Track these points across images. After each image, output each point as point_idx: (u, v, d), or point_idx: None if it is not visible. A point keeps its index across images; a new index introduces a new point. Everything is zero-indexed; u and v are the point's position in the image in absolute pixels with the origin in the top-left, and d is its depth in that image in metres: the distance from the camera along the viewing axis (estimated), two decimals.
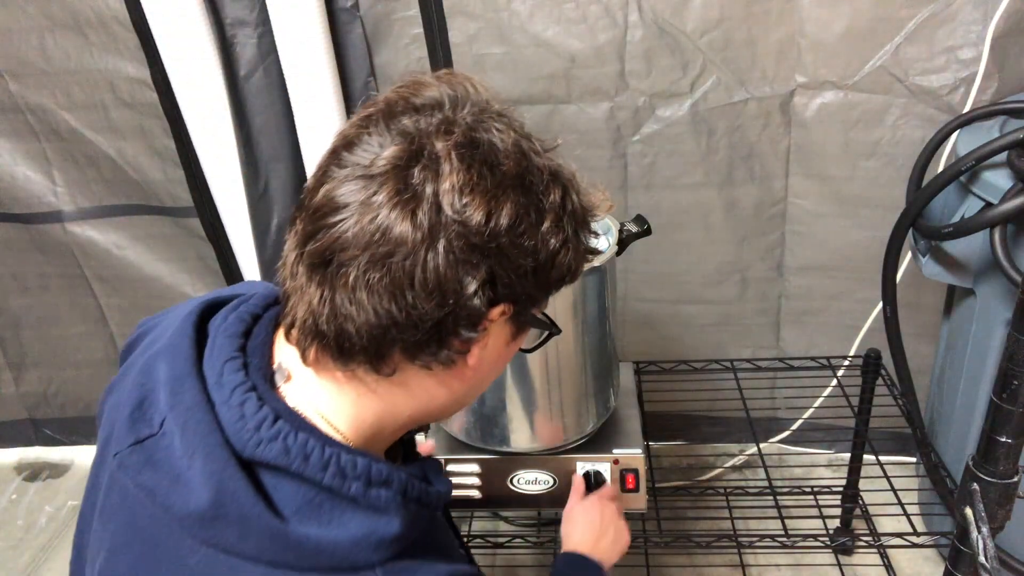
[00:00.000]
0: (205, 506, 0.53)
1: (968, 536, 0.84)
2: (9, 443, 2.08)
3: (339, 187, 0.54)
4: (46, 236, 1.76)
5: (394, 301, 0.53)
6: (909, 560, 1.52)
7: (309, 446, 0.55)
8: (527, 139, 0.59)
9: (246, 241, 1.64)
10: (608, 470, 1.13)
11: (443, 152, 0.53)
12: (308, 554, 0.53)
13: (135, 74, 1.53)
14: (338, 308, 0.54)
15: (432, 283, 0.53)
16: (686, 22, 1.39)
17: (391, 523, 0.56)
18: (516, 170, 0.55)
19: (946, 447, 1.42)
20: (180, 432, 0.55)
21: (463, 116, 0.56)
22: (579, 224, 0.61)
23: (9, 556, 1.77)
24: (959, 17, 1.32)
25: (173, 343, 0.61)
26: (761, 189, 1.54)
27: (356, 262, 0.53)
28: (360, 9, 1.46)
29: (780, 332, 1.71)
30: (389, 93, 0.59)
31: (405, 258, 0.52)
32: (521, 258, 0.56)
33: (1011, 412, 0.78)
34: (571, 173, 0.62)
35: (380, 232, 0.52)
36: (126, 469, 0.58)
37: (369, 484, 0.56)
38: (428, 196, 0.52)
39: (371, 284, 0.53)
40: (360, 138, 0.56)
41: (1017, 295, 0.75)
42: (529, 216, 0.56)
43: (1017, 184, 1.10)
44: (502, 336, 0.62)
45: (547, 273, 0.59)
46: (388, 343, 0.55)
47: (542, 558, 1.56)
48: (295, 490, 0.55)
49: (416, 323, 0.54)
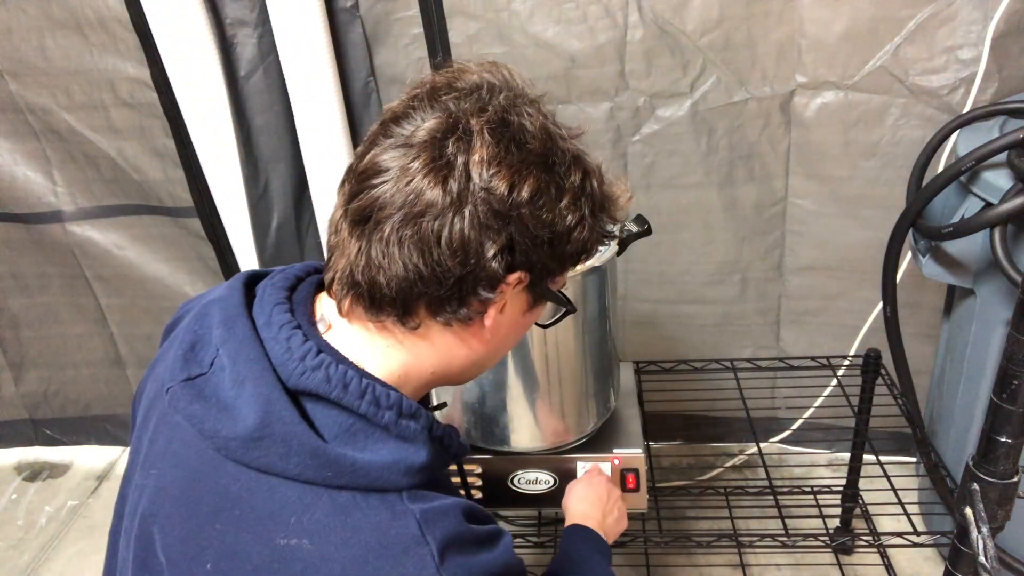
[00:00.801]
0: (252, 427, 0.58)
1: (968, 536, 0.84)
2: (9, 443, 2.08)
3: (382, 154, 0.60)
4: (46, 236, 1.76)
5: (422, 257, 0.59)
6: (909, 560, 1.52)
7: (348, 376, 0.60)
8: (555, 125, 0.64)
9: (246, 241, 1.64)
10: (608, 470, 1.13)
11: (476, 128, 0.59)
12: (345, 471, 0.58)
13: (135, 74, 1.53)
14: (372, 260, 0.60)
15: (457, 243, 0.59)
16: (686, 22, 1.39)
17: (419, 452, 0.61)
18: (541, 149, 0.61)
19: (946, 447, 1.42)
20: (231, 363, 0.61)
21: (499, 100, 0.62)
22: (596, 206, 0.66)
23: (9, 556, 1.77)
24: (959, 17, 1.32)
25: (223, 295, 0.67)
26: (761, 189, 1.54)
27: (391, 220, 0.59)
28: (360, 9, 1.46)
29: (780, 332, 1.71)
30: (436, 76, 0.65)
31: (435, 219, 0.58)
32: (539, 229, 0.61)
33: (1011, 412, 0.78)
34: (594, 162, 0.67)
35: (415, 194, 0.58)
36: (176, 402, 0.63)
37: (400, 415, 0.61)
38: (459, 166, 0.58)
39: (403, 239, 0.59)
40: (406, 113, 0.62)
41: (1017, 295, 0.75)
42: (549, 192, 0.61)
43: (1017, 184, 1.10)
44: (518, 304, 0.67)
45: (563, 246, 0.64)
46: (415, 297, 0.61)
47: (542, 558, 1.56)
48: (335, 417, 0.60)
49: (440, 279, 0.60)
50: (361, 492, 0.58)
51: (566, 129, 0.66)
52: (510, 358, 1.05)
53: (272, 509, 0.57)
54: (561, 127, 0.65)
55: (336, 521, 0.57)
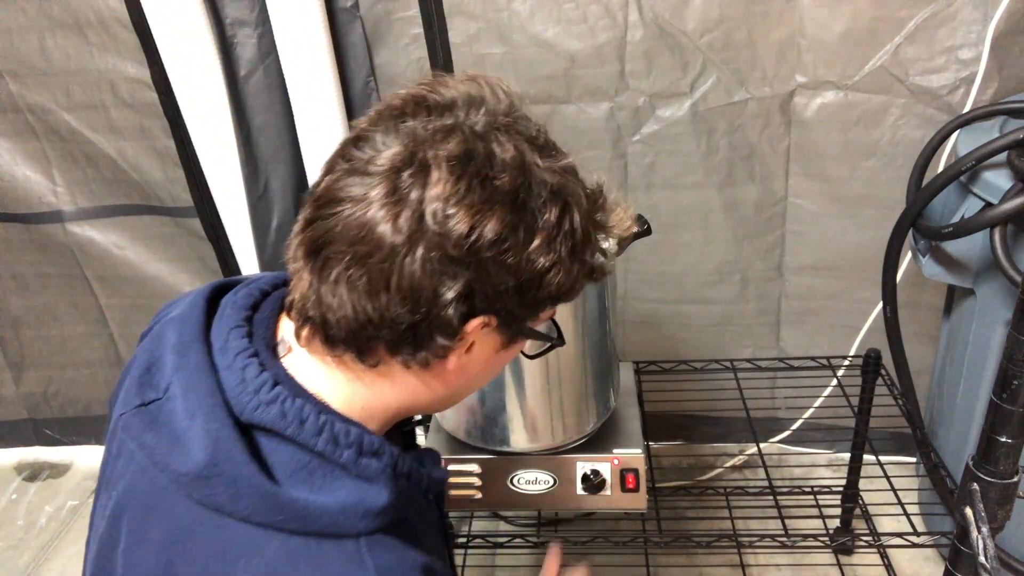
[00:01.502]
0: (202, 465, 0.54)
1: (968, 536, 0.84)
2: (9, 443, 2.08)
3: (339, 180, 0.56)
4: (46, 236, 1.76)
5: (371, 301, 0.54)
6: (909, 560, 1.52)
7: (305, 412, 0.56)
8: (536, 150, 0.58)
9: (246, 241, 1.64)
10: (608, 470, 1.13)
11: (435, 160, 0.53)
12: (297, 516, 0.54)
13: (135, 74, 1.53)
14: (323, 299, 0.56)
15: (406, 289, 0.54)
16: (686, 22, 1.39)
17: (380, 494, 0.57)
18: (510, 185, 0.55)
19: (946, 447, 1.42)
20: (183, 394, 0.58)
21: (472, 122, 0.56)
22: (578, 245, 0.59)
23: (9, 556, 1.77)
24: (959, 17, 1.32)
25: (184, 313, 0.64)
26: (761, 189, 1.54)
27: (341, 258, 0.54)
28: (360, 9, 1.46)
29: (780, 332, 1.71)
30: (408, 90, 0.59)
31: (383, 260, 0.53)
32: (503, 275, 0.56)
33: (1011, 412, 0.78)
34: (582, 191, 0.60)
35: (365, 231, 0.53)
36: (129, 430, 0.60)
37: (360, 453, 0.57)
38: (413, 202, 0.53)
39: (352, 280, 0.54)
40: (368, 135, 0.57)
41: (1017, 295, 0.75)
42: (516, 234, 0.55)
43: (1017, 184, 1.10)
44: (489, 344, 0.62)
45: (533, 292, 0.58)
46: (367, 339, 0.57)
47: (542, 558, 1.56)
48: (291, 454, 0.56)
49: (391, 325, 0.55)
50: (315, 537, 0.55)
51: (551, 157, 0.59)
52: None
53: (222, 548, 0.55)
54: (547, 151, 0.59)
55: (285, 568, 0.54)
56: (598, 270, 0.63)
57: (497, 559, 1.58)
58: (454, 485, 1.16)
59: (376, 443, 0.59)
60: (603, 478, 1.13)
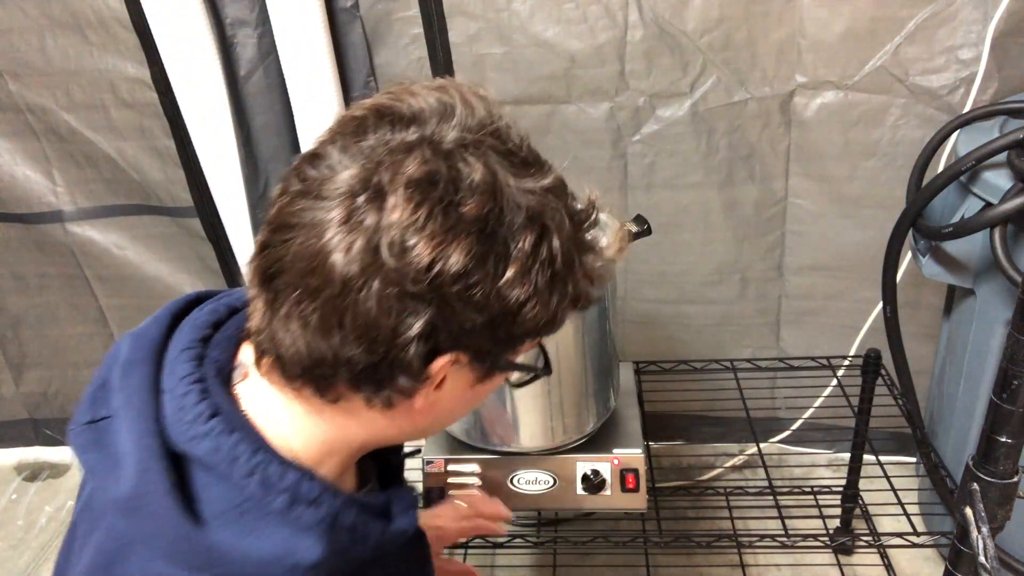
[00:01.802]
0: (128, 494, 0.51)
1: (968, 536, 0.84)
2: (9, 443, 2.08)
3: (292, 203, 0.51)
4: (46, 236, 1.76)
5: (324, 339, 0.50)
6: (909, 560, 1.52)
7: (238, 449, 0.52)
8: (514, 169, 0.52)
9: (246, 241, 1.64)
10: (608, 470, 1.13)
11: (391, 184, 0.48)
12: (216, 562, 0.50)
13: (135, 74, 1.53)
14: (275, 332, 0.52)
15: (361, 328, 0.49)
16: (686, 22, 1.39)
17: (312, 548, 0.52)
18: (478, 212, 0.49)
19: (946, 447, 1.42)
20: (124, 416, 0.55)
21: (439, 138, 0.51)
22: (557, 274, 0.52)
23: (9, 556, 1.77)
24: (959, 17, 1.32)
25: (143, 328, 0.60)
26: (761, 189, 1.54)
27: (291, 290, 0.50)
28: (360, 9, 1.46)
29: (780, 332, 1.71)
30: (372, 99, 0.54)
31: (336, 296, 0.48)
32: (470, 312, 0.50)
33: (1011, 412, 0.78)
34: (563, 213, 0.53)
35: (316, 262, 0.48)
36: (76, 447, 0.57)
37: (295, 500, 0.52)
38: (367, 231, 0.47)
39: (304, 316, 0.50)
40: (324, 152, 0.51)
41: (1017, 295, 0.75)
42: (485, 265, 0.49)
43: (1017, 184, 1.10)
44: (462, 379, 0.56)
45: (507, 327, 0.52)
46: (323, 376, 0.52)
47: (542, 558, 1.56)
48: (223, 492, 0.52)
49: (346, 364, 0.51)
50: None
51: (530, 176, 0.53)
52: None
53: None
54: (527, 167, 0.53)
55: None
56: (583, 298, 0.56)
57: (497, 559, 1.58)
58: (454, 485, 1.16)
59: (316, 491, 0.53)
60: (603, 478, 1.13)
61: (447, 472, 1.16)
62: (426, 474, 1.17)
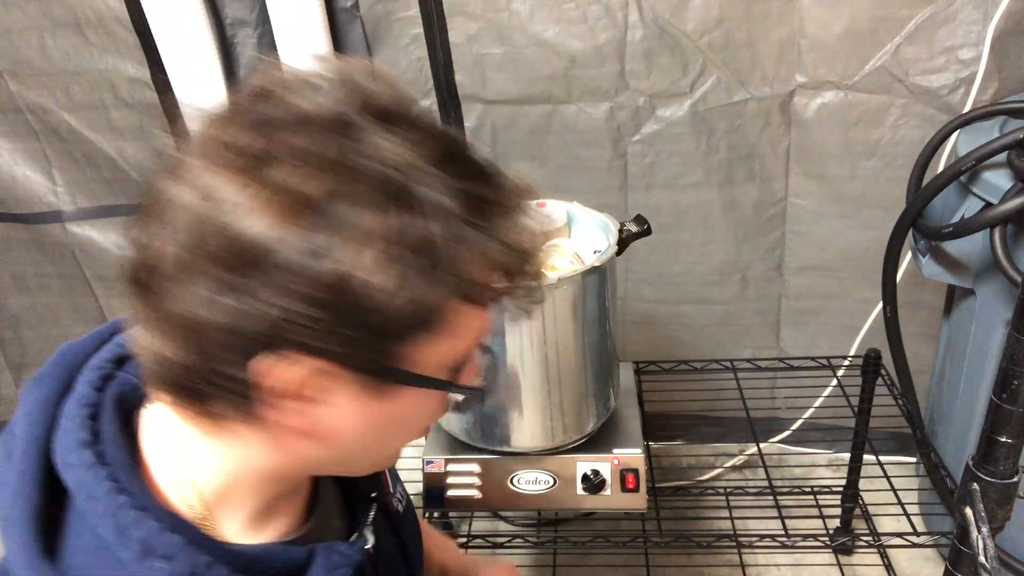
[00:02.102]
0: (2, 517, 0.47)
1: (968, 536, 0.84)
2: None
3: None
4: (46, 236, 1.76)
5: (154, 338, 0.45)
6: (909, 560, 1.52)
7: (98, 488, 0.46)
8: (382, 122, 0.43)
9: None
10: (608, 470, 1.13)
11: (190, 152, 0.45)
12: None
13: (135, 74, 1.53)
14: (135, 338, 0.47)
15: (167, 320, 0.44)
16: (686, 22, 1.39)
17: None
18: (334, 155, 0.42)
19: (946, 447, 1.42)
20: (19, 431, 0.51)
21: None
22: (424, 255, 0.43)
23: None
24: (959, 17, 1.32)
25: (79, 341, 0.57)
26: (761, 189, 1.54)
27: (132, 291, 0.46)
28: (360, 9, 1.46)
29: (780, 332, 1.71)
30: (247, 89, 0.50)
31: (158, 286, 0.44)
32: (288, 299, 0.41)
33: (1011, 412, 0.78)
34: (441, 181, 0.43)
35: (142, 258, 0.45)
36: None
37: (147, 553, 0.46)
38: (178, 207, 0.43)
39: (148, 320, 0.46)
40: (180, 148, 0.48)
41: (1017, 295, 0.75)
42: (305, 239, 0.41)
43: (1017, 184, 1.10)
44: (346, 394, 0.46)
45: (360, 322, 0.42)
46: (182, 388, 0.46)
47: (542, 558, 1.56)
48: (83, 531, 0.47)
49: (174, 367, 0.45)
50: None
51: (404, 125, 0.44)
52: (510, 358, 1.05)
53: None
54: (396, 120, 0.44)
55: None
56: (479, 288, 0.46)
57: (497, 559, 1.58)
58: (454, 485, 1.16)
59: (172, 545, 0.46)
60: (603, 478, 1.13)
61: (447, 472, 1.16)
62: (426, 474, 1.17)
